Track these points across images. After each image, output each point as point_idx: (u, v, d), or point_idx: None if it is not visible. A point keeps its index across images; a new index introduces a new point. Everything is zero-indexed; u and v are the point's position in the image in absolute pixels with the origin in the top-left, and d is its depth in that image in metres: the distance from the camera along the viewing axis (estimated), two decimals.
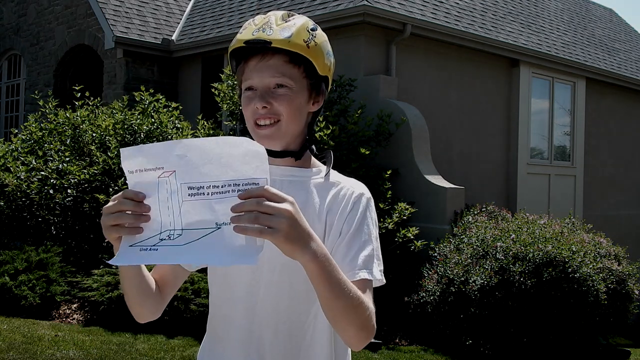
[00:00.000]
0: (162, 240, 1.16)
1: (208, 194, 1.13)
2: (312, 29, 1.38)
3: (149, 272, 1.43)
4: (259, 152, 1.13)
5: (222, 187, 1.13)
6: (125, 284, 1.35)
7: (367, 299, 1.28)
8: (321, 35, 1.40)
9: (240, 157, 1.12)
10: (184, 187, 1.14)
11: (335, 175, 1.45)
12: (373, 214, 1.41)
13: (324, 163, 1.48)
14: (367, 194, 1.42)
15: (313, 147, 1.47)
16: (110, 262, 1.19)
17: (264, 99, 1.35)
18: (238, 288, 1.40)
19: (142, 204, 1.17)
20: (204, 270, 1.61)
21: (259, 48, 1.35)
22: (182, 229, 1.14)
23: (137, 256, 1.17)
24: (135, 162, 1.18)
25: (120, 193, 1.19)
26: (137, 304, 1.39)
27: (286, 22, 1.36)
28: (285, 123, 1.37)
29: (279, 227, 1.09)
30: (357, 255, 1.33)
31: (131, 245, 1.18)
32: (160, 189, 1.16)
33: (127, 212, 1.16)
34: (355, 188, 1.41)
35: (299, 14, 1.43)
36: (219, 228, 1.12)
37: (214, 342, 1.48)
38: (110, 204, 1.18)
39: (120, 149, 1.21)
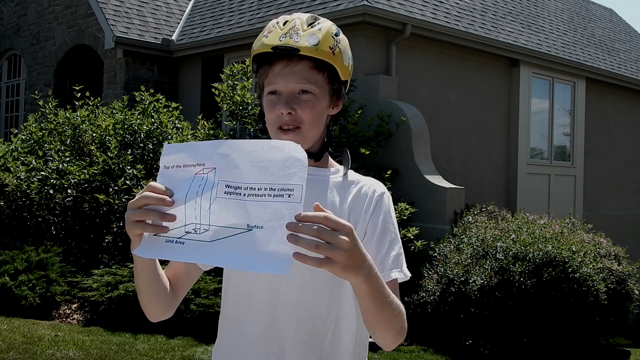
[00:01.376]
0: (187, 232, 1.15)
1: (244, 195, 1.13)
2: (336, 35, 1.39)
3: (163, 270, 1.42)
4: (299, 159, 1.12)
5: (258, 189, 1.12)
6: (140, 281, 1.35)
7: (399, 301, 1.32)
8: (344, 40, 1.42)
9: (281, 162, 1.13)
10: (221, 184, 1.14)
11: (352, 174, 1.48)
12: (393, 212, 1.44)
13: (340, 162, 1.50)
14: (387, 192, 1.45)
15: (329, 148, 1.50)
16: (135, 252, 1.19)
17: (289, 105, 1.36)
18: (259, 284, 1.40)
19: (165, 197, 1.16)
20: (209, 270, 1.61)
21: (286, 54, 1.35)
22: (209, 225, 1.14)
23: (163, 248, 1.16)
24: (176, 158, 1.19)
25: (146, 187, 1.19)
26: (151, 302, 1.39)
27: (312, 27, 1.36)
28: (305, 130, 1.38)
29: (337, 258, 1.09)
30: (387, 255, 1.37)
31: (156, 234, 1.17)
32: (193, 185, 1.16)
33: (151, 207, 1.16)
34: (375, 187, 1.44)
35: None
36: (249, 230, 1.11)
37: (230, 341, 1.46)
38: (135, 198, 1.18)
39: (165, 144, 1.22)
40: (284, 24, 1.38)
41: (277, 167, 1.12)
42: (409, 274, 1.39)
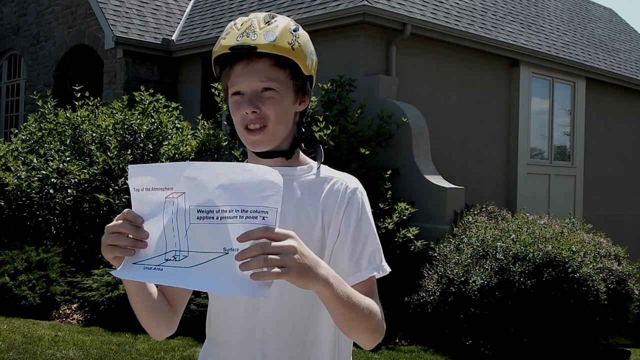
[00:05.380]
0: (167, 260, 1.15)
1: (217, 218, 1.12)
2: (295, 30, 1.38)
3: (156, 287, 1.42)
4: (275, 182, 1.12)
5: (229, 212, 1.12)
6: (134, 302, 1.35)
7: (375, 301, 1.33)
8: (303, 35, 1.41)
9: (254, 185, 1.12)
10: (193, 209, 1.14)
11: (326, 170, 1.46)
12: (368, 206, 1.43)
13: (314, 159, 1.49)
14: (360, 187, 1.43)
15: (302, 145, 1.49)
16: (112, 273, 1.19)
17: (253, 103, 1.35)
18: None
19: (140, 229, 1.16)
20: None
21: (245, 53, 1.35)
22: (188, 251, 1.14)
23: (142, 273, 1.16)
24: (143, 181, 1.17)
25: (122, 213, 1.19)
26: (150, 321, 1.39)
27: (269, 24, 1.36)
28: (272, 127, 1.37)
29: (289, 264, 1.10)
30: (362, 253, 1.36)
31: (135, 263, 1.17)
32: (167, 210, 1.15)
33: (125, 235, 1.17)
34: (348, 182, 1.42)
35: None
36: (226, 253, 1.12)
37: (215, 344, 1.47)
38: (112, 223, 1.19)
39: (129, 166, 1.20)
40: (241, 25, 1.37)
41: (249, 190, 1.12)
42: (387, 269, 1.39)
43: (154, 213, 1.16)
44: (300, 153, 1.48)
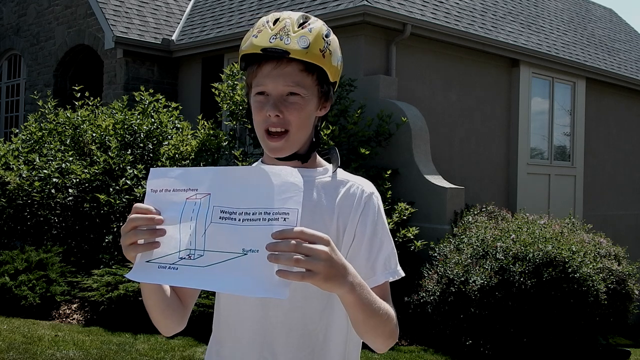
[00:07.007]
0: (181, 259, 1.16)
1: (239, 220, 1.14)
2: (327, 36, 1.37)
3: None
4: (295, 183, 1.14)
5: (253, 214, 1.13)
6: (148, 300, 1.35)
7: (390, 305, 1.34)
8: (334, 41, 1.40)
9: (277, 187, 1.14)
10: (216, 209, 1.15)
11: (342, 173, 1.46)
12: (383, 211, 1.44)
13: (329, 161, 1.49)
14: (376, 192, 1.44)
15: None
16: (127, 276, 1.19)
17: (277, 107, 1.35)
18: None
19: (154, 216, 1.17)
20: None
21: (276, 56, 1.34)
22: (204, 250, 1.14)
23: (156, 273, 1.17)
24: (165, 182, 1.20)
25: (133, 208, 1.20)
26: (162, 318, 1.39)
27: (302, 28, 1.35)
28: (293, 133, 1.37)
29: (317, 269, 1.11)
30: (378, 257, 1.37)
31: (148, 261, 1.18)
32: (186, 209, 1.17)
33: (140, 227, 1.17)
34: (364, 186, 1.43)
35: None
36: (245, 254, 1.12)
37: (222, 343, 1.46)
38: (125, 223, 1.19)
39: (151, 169, 1.22)
40: (274, 24, 1.35)
41: (272, 192, 1.14)
42: (402, 273, 1.40)
43: (170, 213, 1.18)
44: (317, 156, 1.48)
